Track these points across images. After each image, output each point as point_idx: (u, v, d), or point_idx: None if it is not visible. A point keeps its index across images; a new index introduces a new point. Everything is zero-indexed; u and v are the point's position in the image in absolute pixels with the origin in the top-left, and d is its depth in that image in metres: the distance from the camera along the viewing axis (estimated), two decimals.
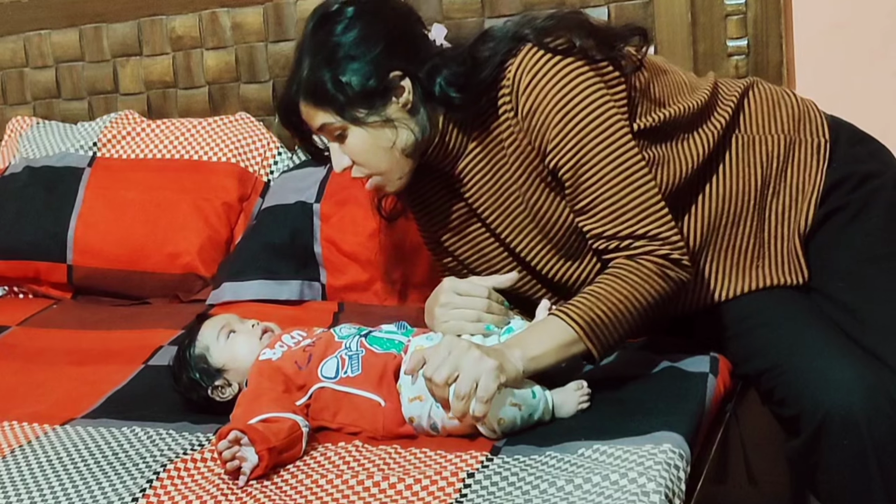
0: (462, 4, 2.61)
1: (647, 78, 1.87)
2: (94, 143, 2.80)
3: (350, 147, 1.85)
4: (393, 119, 1.82)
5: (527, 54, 1.79)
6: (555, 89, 1.77)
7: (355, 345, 1.78)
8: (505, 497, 1.50)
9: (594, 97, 1.77)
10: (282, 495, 1.56)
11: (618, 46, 1.83)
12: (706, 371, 1.83)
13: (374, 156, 1.85)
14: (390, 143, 1.83)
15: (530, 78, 1.78)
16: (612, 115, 1.78)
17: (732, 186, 1.90)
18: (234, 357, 1.85)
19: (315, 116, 1.85)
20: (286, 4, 2.76)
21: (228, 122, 2.77)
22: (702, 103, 1.89)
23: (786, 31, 2.42)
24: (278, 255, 2.44)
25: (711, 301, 1.92)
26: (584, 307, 1.72)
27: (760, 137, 1.93)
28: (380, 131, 1.82)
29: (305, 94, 1.83)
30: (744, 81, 2.00)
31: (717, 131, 1.89)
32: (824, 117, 1.98)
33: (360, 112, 1.81)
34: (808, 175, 1.93)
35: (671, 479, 1.50)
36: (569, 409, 1.72)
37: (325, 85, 1.80)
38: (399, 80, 1.82)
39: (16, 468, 1.69)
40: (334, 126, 1.83)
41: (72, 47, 3.00)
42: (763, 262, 1.92)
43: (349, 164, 1.87)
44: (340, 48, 1.80)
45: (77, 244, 2.64)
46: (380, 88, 1.80)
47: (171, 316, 2.40)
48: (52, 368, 2.17)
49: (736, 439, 1.87)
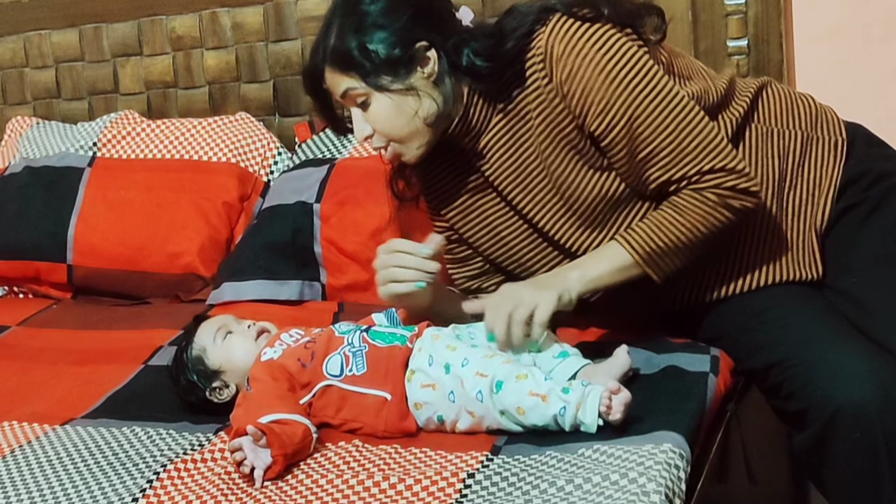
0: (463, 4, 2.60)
1: (668, 56, 1.90)
2: (94, 143, 2.80)
3: (373, 114, 1.86)
4: (417, 88, 1.83)
5: (557, 22, 1.81)
6: (592, 51, 1.79)
7: (357, 340, 1.78)
8: (505, 497, 1.50)
9: (630, 53, 1.80)
10: (282, 495, 1.56)
11: (638, 22, 1.86)
12: (706, 370, 1.83)
13: (396, 123, 1.85)
14: (413, 112, 1.84)
15: (565, 44, 1.80)
16: (650, 67, 1.80)
17: None
18: (231, 358, 1.85)
19: (340, 82, 1.85)
20: (286, 4, 2.76)
21: (228, 122, 2.77)
22: (722, 90, 1.92)
23: (786, 30, 2.42)
24: (278, 256, 2.44)
25: (729, 292, 1.92)
26: (645, 236, 1.80)
27: (779, 131, 1.94)
28: (403, 99, 1.84)
29: (332, 60, 1.85)
30: (759, 80, 2.01)
31: (737, 118, 1.91)
32: (841, 120, 2.00)
33: (385, 79, 1.82)
34: (826, 170, 1.94)
35: (671, 478, 1.50)
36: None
37: (352, 52, 1.82)
38: (425, 50, 1.84)
39: (16, 468, 1.69)
40: (358, 92, 1.84)
41: (72, 47, 3.00)
42: (781, 255, 1.92)
43: (370, 132, 1.88)
44: (368, 16, 1.82)
45: (77, 244, 2.64)
46: (405, 57, 1.82)
47: (171, 316, 2.40)
48: (52, 368, 2.17)
49: (736, 439, 1.87)
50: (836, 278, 1.91)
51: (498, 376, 1.67)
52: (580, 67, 1.80)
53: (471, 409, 1.69)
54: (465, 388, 1.68)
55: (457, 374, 1.70)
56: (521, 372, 1.67)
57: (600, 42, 1.80)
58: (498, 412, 1.67)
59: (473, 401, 1.68)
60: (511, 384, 1.66)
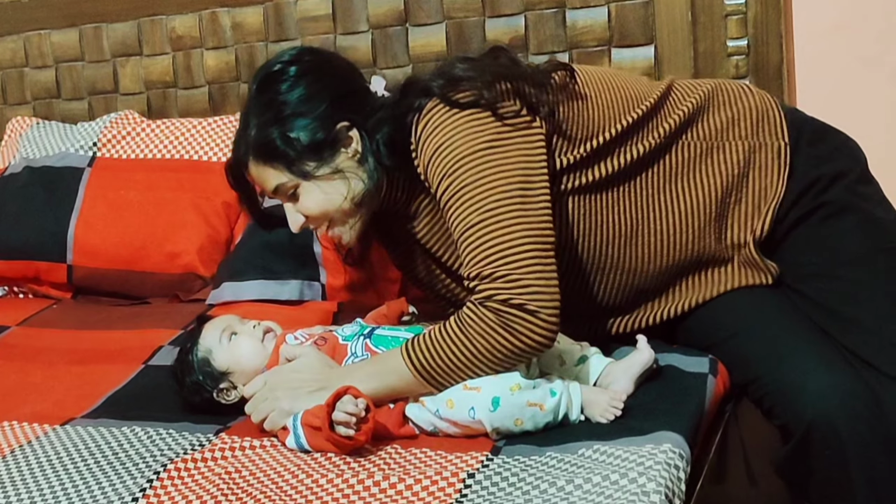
0: (463, 4, 2.61)
1: (574, 110, 1.85)
2: (94, 143, 2.80)
3: (304, 204, 1.86)
4: (343, 170, 1.83)
5: (429, 111, 1.79)
6: (444, 139, 1.75)
7: (360, 349, 1.78)
8: (505, 497, 1.50)
9: (480, 139, 1.73)
10: (282, 495, 1.56)
11: (542, 82, 1.81)
12: (705, 371, 1.83)
13: (328, 209, 1.85)
14: (342, 195, 1.84)
15: (427, 134, 1.78)
16: (496, 152, 1.72)
17: (695, 198, 1.89)
18: (238, 360, 1.84)
19: (267, 177, 1.85)
20: (286, 4, 2.76)
21: (228, 122, 2.77)
22: (646, 108, 1.88)
23: (786, 31, 2.42)
24: (278, 255, 2.43)
25: (677, 311, 1.93)
26: (428, 353, 1.69)
27: (719, 145, 1.91)
28: (331, 184, 1.84)
29: (255, 153, 1.85)
30: (705, 86, 1.96)
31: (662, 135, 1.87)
32: (783, 116, 1.96)
33: (310, 165, 1.82)
34: (770, 181, 1.92)
35: (671, 479, 1.50)
36: (592, 412, 1.71)
37: (275, 142, 1.82)
38: (347, 130, 1.84)
39: (16, 468, 1.69)
40: (287, 185, 1.85)
41: (72, 47, 3.00)
42: (725, 269, 1.92)
43: (304, 220, 1.88)
44: (287, 106, 1.82)
45: (77, 244, 2.64)
46: (328, 140, 1.82)
47: (171, 316, 2.40)
48: (52, 368, 2.17)
49: (735, 439, 1.87)
50: (802, 283, 1.90)
51: (493, 392, 1.66)
52: (430, 155, 1.76)
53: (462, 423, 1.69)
54: (455, 407, 1.68)
55: (443, 394, 1.70)
56: (512, 382, 1.68)
57: (454, 130, 1.74)
58: (490, 427, 1.67)
59: (464, 418, 1.68)
60: (507, 399, 1.66)
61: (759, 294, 1.90)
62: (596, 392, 1.73)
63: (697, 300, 1.92)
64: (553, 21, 2.54)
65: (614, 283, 1.91)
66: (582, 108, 1.86)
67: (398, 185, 1.90)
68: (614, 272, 1.90)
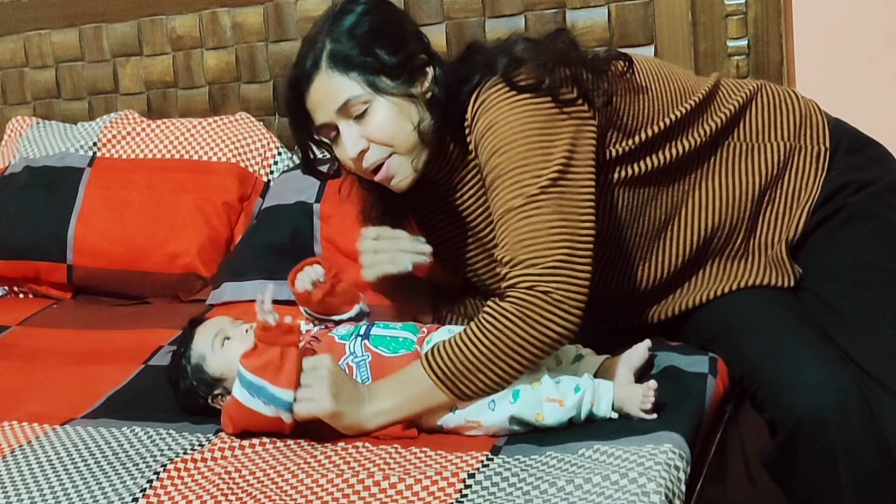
0: (463, 4, 2.61)
1: (627, 101, 1.84)
2: (94, 143, 2.80)
3: (373, 121, 1.75)
4: (417, 97, 1.78)
5: (490, 87, 1.75)
6: (500, 117, 1.72)
7: (359, 349, 1.77)
8: (505, 497, 1.50)
9: (535, 123, 1.71)
10: (282, 495, 1.56)
11: (601, 70, 1.79)
12: (705, 371, 1.83)
13: (398, 130, 1.76)
14: (414, 121, 1.76)
15: (486, 109, 1.74)
16: (548, 138, 1.70)
17: (730, 197, 1.90)
18: (231, 365, 1.78)
19: (339, 88, 1.74)
20: (286, 4, 2.76)
21: (228, 122, 2.77)
22: (688, 110, 1.87)
23: (786, 31, 2.42)
24: (278, 255, 2.43)
25: (694, 303, 1.93)
26: (447, 357, 1.66)
27: (759, 146, 1.92)
28: (406, 105, 1.76)
29: (330, 61, 1.74)
30: (749, 86, 1.97)
31: (710, 132, 1.88)
32: (827, 123, 1.97)
33: (387, 83, 1.75)
34: (805, 184, 1.92)
35: (671, 479, 1.50)
36: (629, 406, 1.70)
37: (355, 50, 1.74)
38: (424, 64, 1.79)
39: (16, 468, 1.69)
40: (359, 100, 1.74)
41: (72, 47, 3.00)
42: (748, 266, 1.92)
43: (365, 145, 1.77)
44: (368, 24, 1.76)
45: (77, 244, 2.65)
46: (408, 64, 1.77)
47: (171, 316, 2.40)
48: (52, 368, 2.17)
49: (735, 439, 1.87)
50: (814, 283, 1.90)
51: (515, 385, 1.67)
52: (485, 130, 1.73)
53: (476, 419, 1.69)
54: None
55: None
56: (535, 378, 1.68)
57: (510, 115, 1.72)
58: (507, 419, 1.67)
59: (484, 410, 1.68)
60: (528, 393, 1.67)
61: (773, 294, 1.90)
62: (627, 388, 1.72)
63: (716, 292, 1.92)
64: (553, 21, 2.54)
65: (640, 275, 1.91)
66: (635, 99, 1.85)
67: (448, 151, 1.84)
68: (642, 265, 1.90)
